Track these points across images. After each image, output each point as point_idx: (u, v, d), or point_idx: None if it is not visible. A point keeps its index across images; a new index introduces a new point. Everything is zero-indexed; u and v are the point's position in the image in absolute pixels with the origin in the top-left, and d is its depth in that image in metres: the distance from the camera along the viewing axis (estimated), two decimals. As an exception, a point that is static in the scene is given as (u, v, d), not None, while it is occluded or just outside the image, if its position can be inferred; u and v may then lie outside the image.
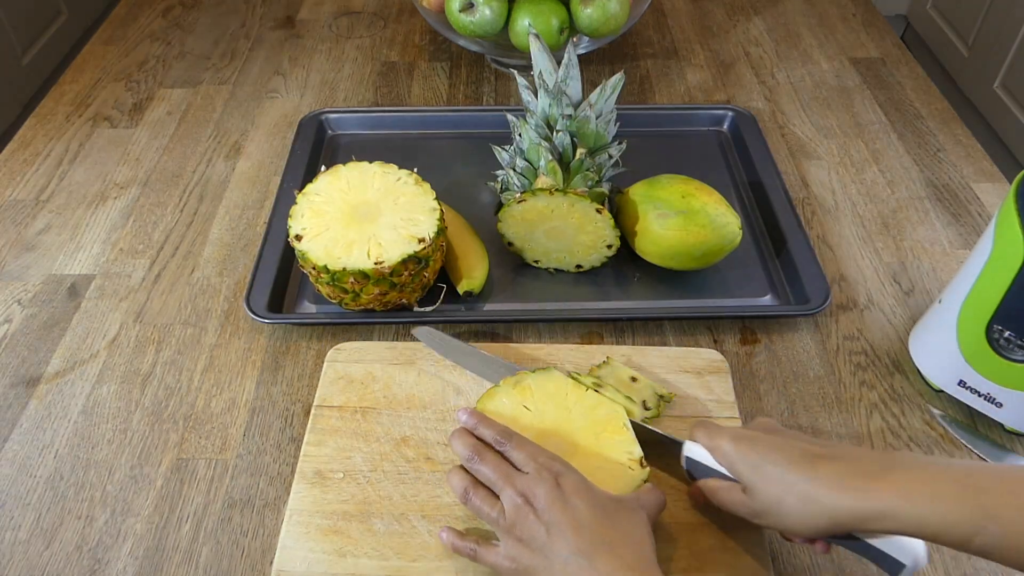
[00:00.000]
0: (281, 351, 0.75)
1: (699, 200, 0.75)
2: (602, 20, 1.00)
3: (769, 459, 0.50)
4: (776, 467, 0.50)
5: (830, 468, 0.48)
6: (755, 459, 0.51)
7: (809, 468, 0.49)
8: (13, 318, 0.78)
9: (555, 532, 0.50)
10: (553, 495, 0.51)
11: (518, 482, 0.53)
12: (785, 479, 0.49)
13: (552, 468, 0.53)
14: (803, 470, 0.49)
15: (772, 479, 0.50)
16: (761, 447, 0.51)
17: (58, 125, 1.03)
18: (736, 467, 0.52)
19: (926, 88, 1.08)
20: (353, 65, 1.14)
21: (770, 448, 0.51)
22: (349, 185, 0.74)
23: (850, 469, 0.48)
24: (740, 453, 0.52)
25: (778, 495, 0.49)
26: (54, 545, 0.61)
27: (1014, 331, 0.61)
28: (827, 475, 0.48)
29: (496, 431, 0.56)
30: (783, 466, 0.50)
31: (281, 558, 0.58)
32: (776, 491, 0.49)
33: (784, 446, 0.51)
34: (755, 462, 0.51)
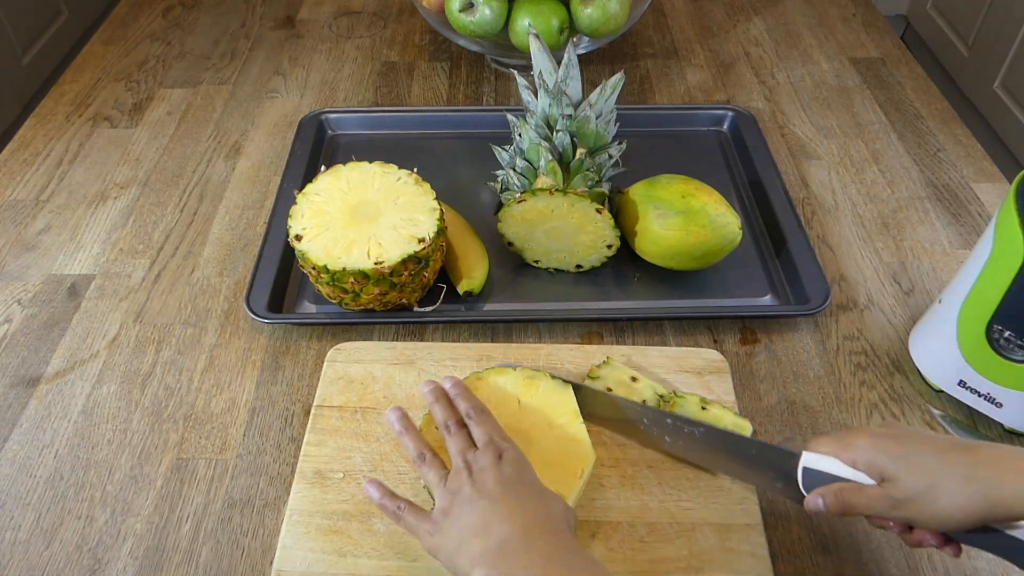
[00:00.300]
0: (281, 351, 0.75)
1: (699, 200, 0.75)
2: (602, 20, 1.00)
3: (917, 450, 0.50)
4: (928, 455, 0.49)
5: (991, 452, 0.48)
6: (901, 451, 0.51)
7: (966, 454, 0.49)
8: (13, 318, 0.78)
9: (477, 485, 0.53)
10: (491, 463, 0.54)
11: (469, 454, 0.55)
12: (940, 464, 0.49)
13: (500, 445, 0.56)
14: (960, 455, 0.49)
15: (923, 466, 0.49)
16: (906, 440, 0.51)
17: (58, 125, 1.03)
18: (876, 460, 0.51)
19: (926, 88, 1.09)
20: (353, 65, 1.14)
21: (917, 440, 0.51)
22: (349, 185, 0.74)
23: (1013, 453, 0.47)
24: (881, 448, 0.51)
25: (931, 480, 0.49)
26: (54, 545, 0.61)
27: (1014, 331, 0.61)
28: (989, 459, 0.48)
29: (471, 404, 0.59)
30: (936, 453, 0.49)
31: (281, 558, 0.58)
32: (928, 478, 0.49)
33: (930, 438, 0.51)
34: (901, 453, 0.50)
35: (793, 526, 0.62)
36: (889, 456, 0.51)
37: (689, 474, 0.62)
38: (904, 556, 0.60)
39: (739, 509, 0.60)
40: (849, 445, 0.53)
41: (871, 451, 0.52)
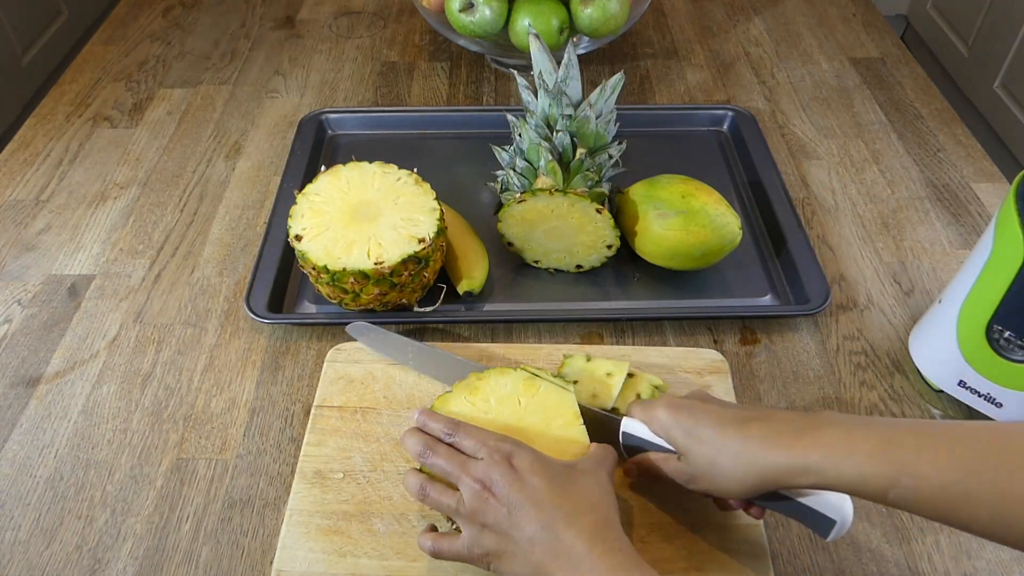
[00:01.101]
0: (281, 351, 0.75)
1: (699, 200, 0.75)
2: (602, 20, 1.00)
3: (703, 423, 0.52)
4: (709, 429, 0.52)
5: (760, 428, 0.50)
6: (689, 423, 0.53)
7: (741, 428, 0.51)
8: (13, 318, 0.78)
9: (517, 512, 0.50)
10: (509, 476, 0.52)
11: (473, 469, 0.53)
12: (718, 440, 0.51)
13: (503, 449, 0.53)
14: (735, 431, 0.51)
15: (706, 441, 0.52)
16: (696, 412, 0.53)
17: (58, 125, 1.03)
18: (671, 433, 0.54)
19: (926, 88, 1.09)
20: (353, 65, 1.14)
21: (704, 413, 0.53)
22: (349, 185, 0.74)
23: (778, 428, 0.50)
24: (675, 419, 0.54)
25: (712, 456, 0.51)
26: (54, 545, 0.61)
27: (1014, 331, 0.61)
28: (757, 434, 0.50)
29: (443, 423, 0.57)
30: (716, 428, 0.52)
31: (281, 558, 0.58)
32: (710, 452, 0.51)
33: (716, 411, 0.53)
34: (689, 426, 0.53)
35: (793, 526, 0.62)
36: (680, 429, 0.53)
37: (689, 474, 0.62)
38: (904, 556, 0.60)
39: (739, 509, 0.60)
40: (652, 417, 0.56)
41: (667, 422, 0.54)
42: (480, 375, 0.64)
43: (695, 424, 0.53)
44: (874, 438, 0.46)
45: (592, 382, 0.67)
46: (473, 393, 0.62)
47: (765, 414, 0.52)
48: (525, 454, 0.53)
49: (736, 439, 0.50)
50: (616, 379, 0.66)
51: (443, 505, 0.54)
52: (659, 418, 0.55)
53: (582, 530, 0.49)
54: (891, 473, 0.45)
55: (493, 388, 0.63)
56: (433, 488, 0.54)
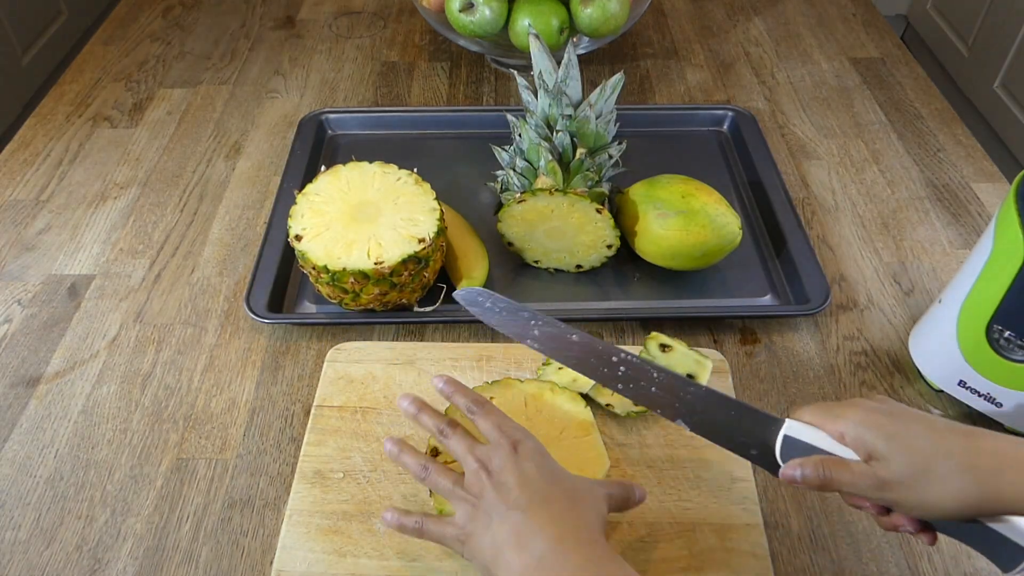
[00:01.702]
0: (281, 351, 0.75)
1: (699, 200, 0.75)
2: (602, 20, 1.00)
3: (912, 429, 0.47)
4: (924, 436, 0.46)
5: (991, 442, 0.46)
6: (894, 429, 0.47)
7: (965, 439, 0.46)
8: (13, 318, 0.78)
9: (501, 490, 0.50)
10: (508, 459, 0.51)
11: (479, 451, 0.53)
12: (937, 447, 0.45)
13: (513, 435, 0.53)
14: (959, 440, 0.46)
15: (917, 447, 0.46)
16: (901, 418, 0.48)
17: (58, 125, 1.03)
18: (866, 436, 0.47)
19: (926, 88, 1.09)
20: (353, 65, 1.14)
21: (913, 418, 0.48)
22: (349, 185, 0.74)
23: (1015, 445, 0.45)
24: (873, 423, 0.48)
25: (924, 463, 0.45)
26: (54, 545, 0.61)
27: (1014, 331, 0.61)
28: (990, 448, 0.45)
29: (470, 399, 0.56)
30: (932, 435, 0.46)
31: (281, 558, 0.58)
32: (922, 459, 0.45)
33: (927, 418, 0.48)
34: (894, 432, 0.47)
35: (793, 526, 0.62)
36: (881, 433, 0.47)
37: (689, 474, 0.63)
38: (904, 556, 0.60)
39: (739, 509, 0.60)
40: (838, 417, 0.49)
41: (861, 426, 0.48)
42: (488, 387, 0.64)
43: (901, 428, 0.47)
44: None
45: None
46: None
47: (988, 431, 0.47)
48: (531, 443, 0.53)
49: (962, 449, 0.45)
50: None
51: (442, 486, 0.53)
52: (850, 418, 0.48)
53: (556, 517, 0.48)
54: None
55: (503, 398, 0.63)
56: (434, 468, 0.54)
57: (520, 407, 0.62)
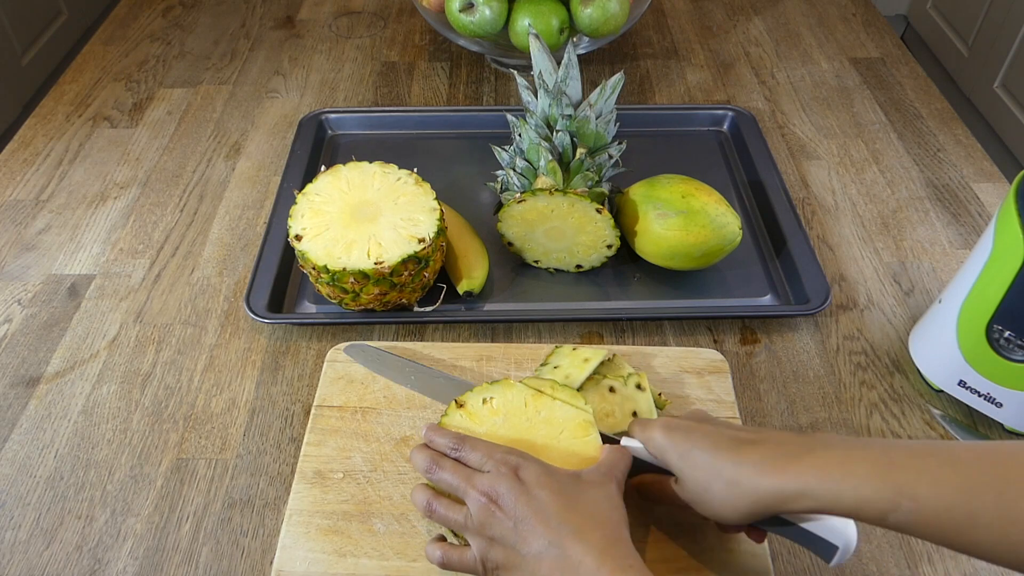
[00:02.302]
0: (281, 351, 0.75)
1: (699, 200, 0.75)
2: (602, 20, 1.00)
3: (698, 446, 0.51)
4: (704, 453, 0.50)
5: (754, 452, 0.49)
6: (685, 447, 0.51)
7: (734, 453, 0.49)
8: (13, 318, 0.78)
9: (523, 527, 0.50)
10: (517, 490, 0.51)
11: (479, 482, 0.52)
12: (712, 465, 0.50)
13: (509, 462, 0.53)
14: (729, 455, 0.49)
15: (700, 466, 0.50)
16: (691, 435, 0.52)
17: (58, 125, 1.03)
18: (667, 455, 0.52)
19: (926, 88, 1.09)
20: (353, 65, 1.14)
21: (700, 435, 0.51)
22: (349, 185, 0.74)
23: (772, 452, 0.49)
24: (671, 441, 0.52)
25: (706, 481, 0.50)
26: (54, 545, 0.61)
27: (1014, 331, 0.61)
28: (750, 459, 0.49)
29: (449, 438, 0.56)
30: (710, 452, 0.50)
31: (281, 558, 0.58)
32: (704, 477, 0.50)
33: (712, 433, 0.52)
34: (684, 450, 0.51)
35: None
36: (675, 452, 0.52)
37: (689, 474, 0.62)
38: (904, 556, 0.60)
39: (739, 509, 0.60)
40: (648, 439, 0.54)
41: (663, 444, 0.53)
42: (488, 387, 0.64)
43: (690, 447, 0.51)
44: (872, 460, 0.45)
45: (571, 367, 0.67)
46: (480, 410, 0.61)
47: (761, 436, 0.50)
48: (532, 466, 0.53)
49: (729, 464, 0.49)
50: (591, 363, 0.67)
51: (450, 520, 0.53)
52: (655, 439, 0.53)
53: (591, 546, 0.48)
54: (891, 496, 0.44)
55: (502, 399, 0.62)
56: (440, 503, 0.54)
57: (520, 408, 0.62)
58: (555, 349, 0.69)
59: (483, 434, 0.59)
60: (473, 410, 0.61)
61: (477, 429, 0.59)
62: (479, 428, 0.59)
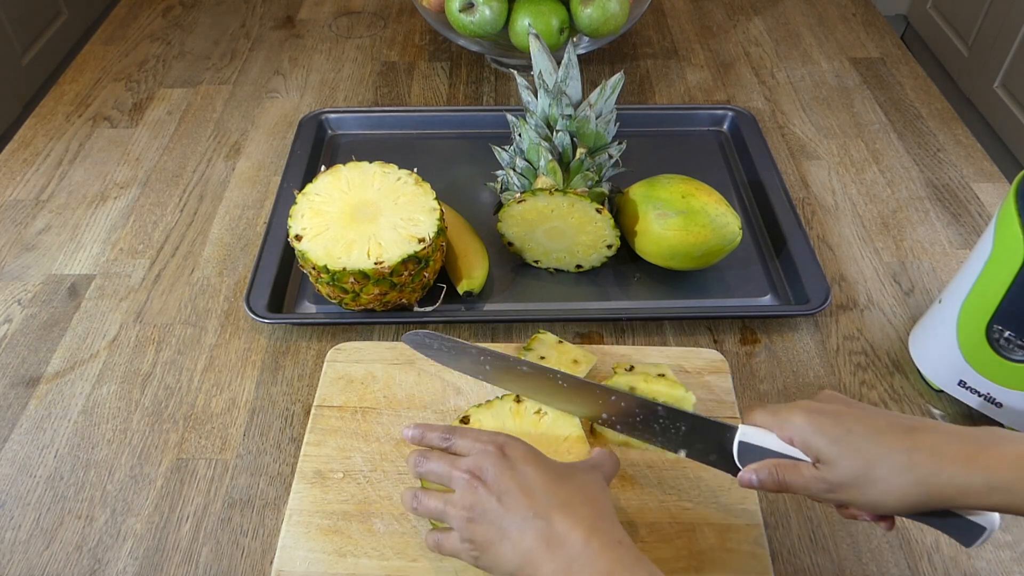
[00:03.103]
0: (281, 351, 0.75)
1: (699, 200, 0.75)
2: (602, 20, 1.00)
3: (856, 430, 0.48)
4: (865, 438, 0.47)
5: (930, 438, 0.46)
6: (837, 431, 0.48)
7: (905, 438, 0.46)
8: (13, 318, 0.78)
9: (507, 500, 0.49)
10: (501, 464, 0.51)
11: (463, 462, 0.52)
12: (878, 449, 0.46)
13: (496, 440, 0.53)
14: (899, 440, 0.46)
15: (860, 450, 0.47)
16: (844, 419, 0.49)
17: (58, 125, 1.03)
18: (812, 441, 0.49)
19: (926, 88, 1.09)
20: (353, 65, 1.14)
21: (855, 419, 0.48)
22: (349, 185, 0.74)
23: (950, 439, 0.46)
24: (818, 426, 0.49)
25: (867, 466, 0.46)
26: (54, 545, 0.61)
27: (1014, 331, 0.61)
28: (928, 445, 0.45)
29: (439, 430, 0.56)
30: (873, 436, 0.47)
31: (281, 558, 0.58)
32: (866, 463, 0.47)
33: (869, 417, 0.49)
34: (837, 434, 0.48)
35: (793, 526, 0.62)
36: (825, 437, 0.48)
37: (689, 474, 0.62)
38: (904, 556, 0.60)
39: (739, 509, 0.60)
40: (785, 422, 0.51)
41: (807, 430, 0.49)
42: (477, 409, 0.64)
43: (845, 432, 0.48)
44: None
45: (558, 364, 0.68)
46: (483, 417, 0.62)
47: (929, 424, 0.47)
48: (518, 445, 0.53)
49: (902, 450, 0.46)
50: (582, 367, 0.68)
51: (433, 508, 0.53)
52: (796, 424, 0.50)
53: (580, 520, 0.47)
54: None
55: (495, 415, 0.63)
56: (423, 495, 0.54)
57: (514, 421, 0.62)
58: (536, 335, 0.71)
59: None
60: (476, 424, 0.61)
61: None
62: None
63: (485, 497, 0.50)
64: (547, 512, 0.48)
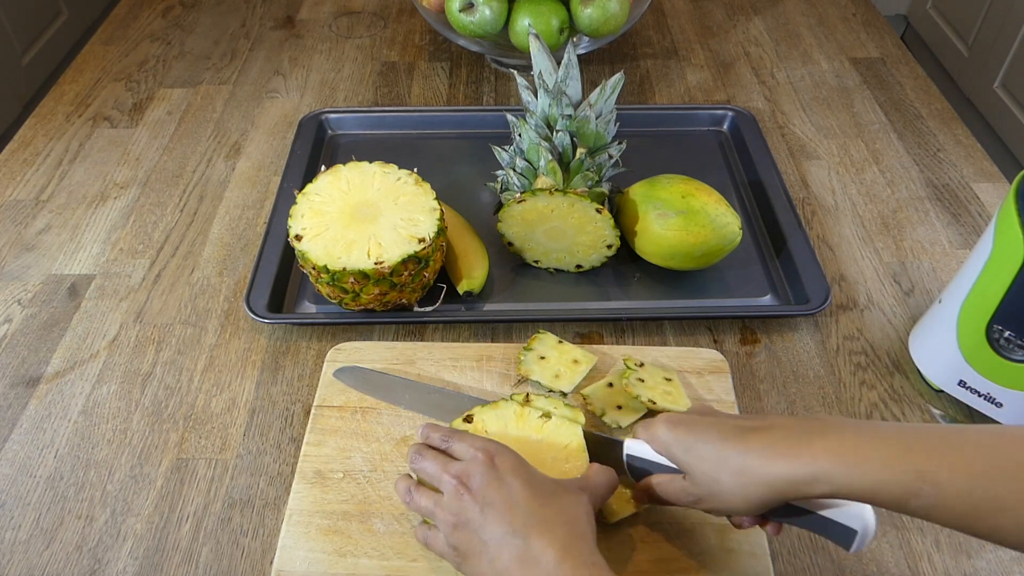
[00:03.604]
0: (281, 351, 0.75)
1: (699, 200, 0.75)
2: (602, 20, 1.00)
3: (702, 438, 0.50)
4: (709, 444, 0.49)
5: (761, 438, 0.48)
6: (689, 440, 0.51)
7: (740, 441, 0.48)
8: (13, 318, 0.78)
9: (489, 511, 0.50)
10: (488, 475, 0.51)
11: (454, 467, 0.53)
12: (719, 456, 0.49)
13: (488, 449, 0.53)
14: (735, 444, 0.48)
15: (706, 458, 0.49)
16: (695, 427, 0.51)
17: (58, 125, 1.03)
18: (672, 451, 0.52)
19: (926, 88, 1.09)
20: (353, 65, 1.14)
21: (703, 427, 0.51)
22: (349, 185, 0.74)
23: (781, 436, 0.47)
24: (675, 436, 0.51)
25: (713, 473, 0.49)
26: (54, 545, 0.61)
27: (1014, 331, 0.61)
28: (758, 445, 0.48)
29: (442, 432, 0.57)
30: (716, 443, 0.49)
31: (281, 558, 0.58)
32: (711, 469, 0.49)
33: (716, 424, 0.51)
34: (689, 443, 0.50)
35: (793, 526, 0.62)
36: (680, 446, 0.51)
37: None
38: (904, 556, 0.60)
39: (739, 509, 0.60)
40: (652, 435, 0.53)
41: (667, 439, 0.52)
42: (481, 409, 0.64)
43: (695, 440, 0.50)
44: (889, 444, 0.44)
45: (558, 364, 0.69)
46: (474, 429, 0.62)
47: (767, 423, 0.49)
48: (509, 456, 0.53)
49: (736, 452, 0.48)
50: (582, 367, 0.68)
51: (423, 507, 0.54)
52: (659, 436, 0.52)
53: (555, 539, 0.48)
54: (910, 481, 0.43)
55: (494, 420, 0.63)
56: (418, 491, 0.55)
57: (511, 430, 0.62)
58: (537, 335, 0.71)
59: None
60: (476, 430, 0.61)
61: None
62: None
63: (469, 505, 0.50)
64: (525, 530, 0.48)
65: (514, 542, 0.48)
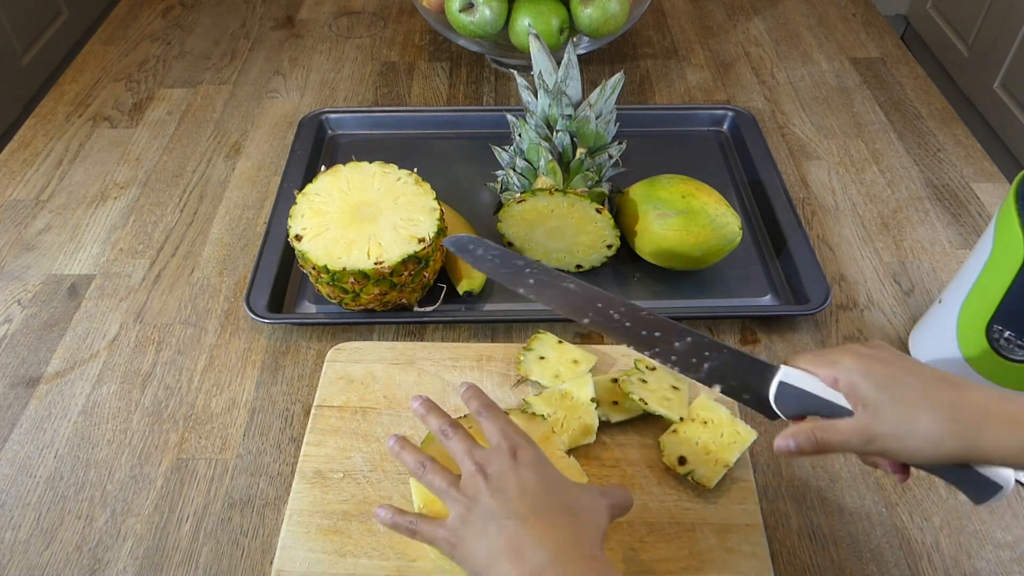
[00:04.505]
0: (281, 351, 0.75)
1: (699, 200, 0.75)
2: (602, 20, 1.00)
3: (905, 379, 0.47)
4: (913, 387, 0.46)
5: (977, 395, 0.46)
6: (886, 376, 0.47)
7: (953, 391, 0.46)
8: (13, 318, 0.78)
9: (499, 496, 0.49)
10: (506, 465, 0.51)
11: (478, 453, 0.52)
12: (925, 397, 0.46)
13: (513, 440, 0.53)
14: (946, 392, 0.46)
15: (907, 397, 0.46)
16: (894, 366, 0.48)
17: (58, 125, 1.03)
18: (859, 384, 0.48)
19: (926, 88, 1.09)
20: (353, 65, 1.14)
21: (905, 368, 0.48)
22: (349, 185, 0.74)
23: (999, 400, 0.45)
24: (867, 369, 0.48)
25: (910, 413, 0.46)
26: (54, 545, 0.61)
27: (1014, 331, 0.61)
28: (974, 401, 0.45)
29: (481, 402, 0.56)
30: (921, 385, 0.46)
31: (281, 558, 0.58)
32: (908, 409, 0.46)
33: (919, 367, 0.48)
34: (886, 380, 0.47)
35: (793, 526, 0.62)
36: (873, 380, 0.47)
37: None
38: (904, 556, 0.60)
39: (739, 509, 0.60)
40: (832, 363, 0.49)
41: (855, 372, 0.48)
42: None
43: (893, 378, 0.47)
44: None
45: (558, 364, 0.69)
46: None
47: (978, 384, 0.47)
48: (531, 450, 0.52)
49: (947, 403, 0.45)
50: (582, 367, 0.68)
51: (436, 485, 0.53)
52: (845, 364, 0.48)
53: (558, 528, 0.47)
54: None
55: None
56: (431, 467, 0.53)
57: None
58: (536, 335, 0.71)
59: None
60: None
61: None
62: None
63: (482, 488, 0.50)
64: (528, 515, 0.48)
65: (511, 525, 0.48)
